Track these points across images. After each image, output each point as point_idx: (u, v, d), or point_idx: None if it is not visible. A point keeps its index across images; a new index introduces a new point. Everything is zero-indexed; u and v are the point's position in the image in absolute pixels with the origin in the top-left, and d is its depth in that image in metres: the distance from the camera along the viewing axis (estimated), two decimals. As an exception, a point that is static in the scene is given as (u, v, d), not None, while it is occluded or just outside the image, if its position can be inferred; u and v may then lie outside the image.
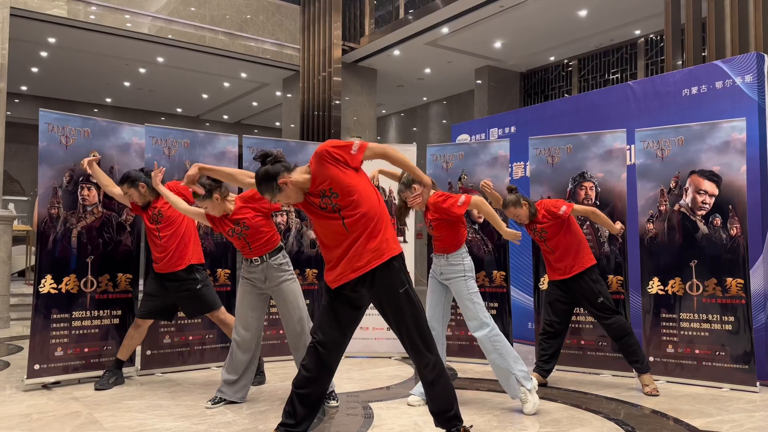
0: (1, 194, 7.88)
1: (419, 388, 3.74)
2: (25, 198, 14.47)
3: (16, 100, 14.04)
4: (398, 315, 2.70)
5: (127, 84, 13.56)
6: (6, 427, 3.23)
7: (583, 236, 4.28)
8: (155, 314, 4.22)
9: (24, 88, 13.93)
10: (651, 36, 9.81)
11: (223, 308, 4.28)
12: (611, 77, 10.52)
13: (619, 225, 4.30)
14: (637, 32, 9.81)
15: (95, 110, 15.14)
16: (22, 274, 10.62)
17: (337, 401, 3.73)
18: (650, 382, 4.11)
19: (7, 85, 8.03)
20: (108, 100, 15.06)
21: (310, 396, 2.73)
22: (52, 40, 10.58)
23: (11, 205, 8.60)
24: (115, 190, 4.23)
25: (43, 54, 11.40)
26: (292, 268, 3.77)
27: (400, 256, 2.74)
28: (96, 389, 4.04)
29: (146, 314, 4.18)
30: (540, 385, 4.15)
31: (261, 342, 3.84)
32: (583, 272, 4.19)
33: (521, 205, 4.09)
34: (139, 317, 4.19)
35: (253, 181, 2.84)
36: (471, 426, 2.91)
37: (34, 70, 12.46)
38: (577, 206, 4.18)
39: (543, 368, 4.30)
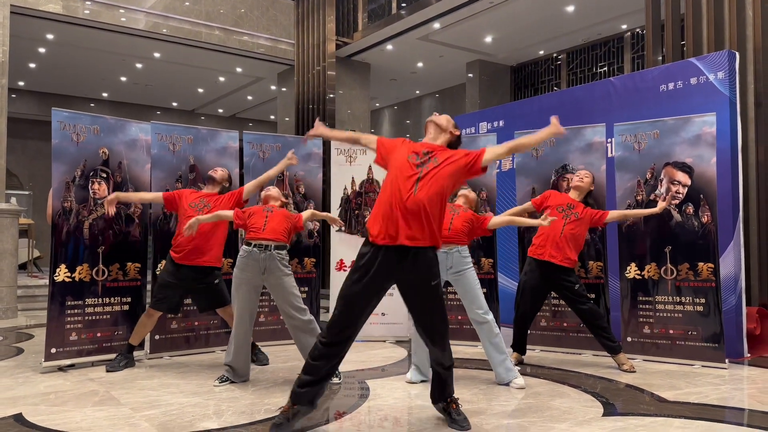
0: (4, 189, 8.10)
1: (415, 373, 4.03)
2: (25, 192, 14.65)
3: (14, 96, 14.19)
4: (427, 304, 2.97)
5: (123, 79, 13.74)
6: (30, 404, 3.50)
7: None
8: (168, 307, 4.43)
9: (22, 83, 14.09)
10: (637, 30, 10.08)
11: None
12: (599, 71, 10.80)
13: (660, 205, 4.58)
14: (624, 26, 10.09)
15: (92, 105, 15.31)
16: (23, 266, 10.84)
17: (340, 378, 4.02)
18: (626, 360, 4.42)
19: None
20: (105, 95, 15.23)
21: (322, 368, 2.94)
22: (49, 36, 10.76)
23: (13, 199, 8.79)
24: (148, 197, 4.58)
25: (41, 50, 11.58)
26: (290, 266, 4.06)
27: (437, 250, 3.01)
28: (107, 371, 4.31)
29: (159, 306, 4.40)
30: (519, 363, 4.55)
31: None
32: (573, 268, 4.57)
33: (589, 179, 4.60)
34: (152, 307, 4.42)
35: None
36: (458, 398, 3.20)
37: (32, 65, 12.63)
38: (612, 213, 4.58)
39: (522, 348, 4.65)
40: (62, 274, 4.44)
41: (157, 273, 4.81)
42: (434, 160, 2.98)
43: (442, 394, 3.13)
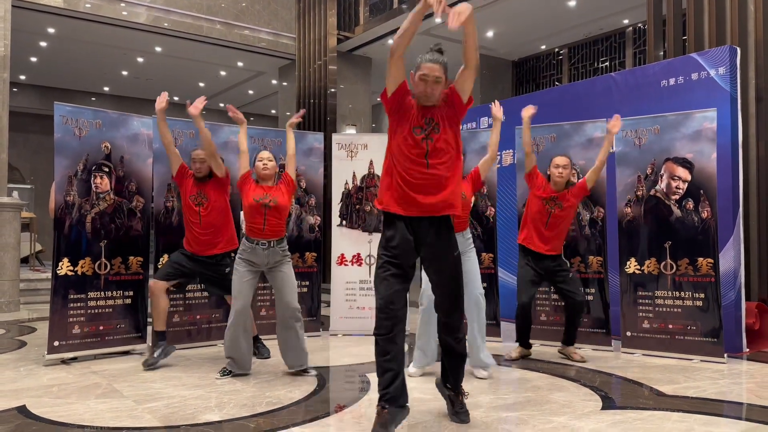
0: (6, 182, 8.13)
1: (418, 359, 4.07)
2: (27, 186, 14.68)
3: (15, 89, 14.21)
4: (452, 273, 2.92)
5: (125, 73, 13.76)
6: (33, 396, 3.54)
7: None
8: (173, 278, 4.37)
9: (23, 77, 14.11)
10: (639, 25, 10.07)
11: None
12: (601, 66, 10.79)
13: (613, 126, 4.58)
14: (626, 21, 10.08)
15: (93, 99, 15.33)
16: (25, 260, 10.89)
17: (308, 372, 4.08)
18: (575, 351, 4.62)
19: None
20: (106, 88, 15.25)
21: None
22: (51, 30, 10.78)
23: (15, 193, 8.82)
24: (173, 152, 4.47)
25: (42, 44, 11.59)
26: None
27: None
28: (146, 369, 4.21)
29: (164, 276, 4.35)
30: (524, 357, 4.59)
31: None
32: (561, 253, 4.64)
33: (569, 166, 4.54)
34: (157, 278, 4.35)
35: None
36: (467, 393, 3.20)
37: (33, 59, 12.64)
38: (588, 175, 4.59)
39: (526, 342, 4.66)
40: (65, 267, 4.47)
41: (159, 267, 4.83)
42: (437, 127, 2.86)
43: (455, 382, 3.09)
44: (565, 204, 4.50)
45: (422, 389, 3.68)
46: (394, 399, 2.75)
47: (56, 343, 4.41)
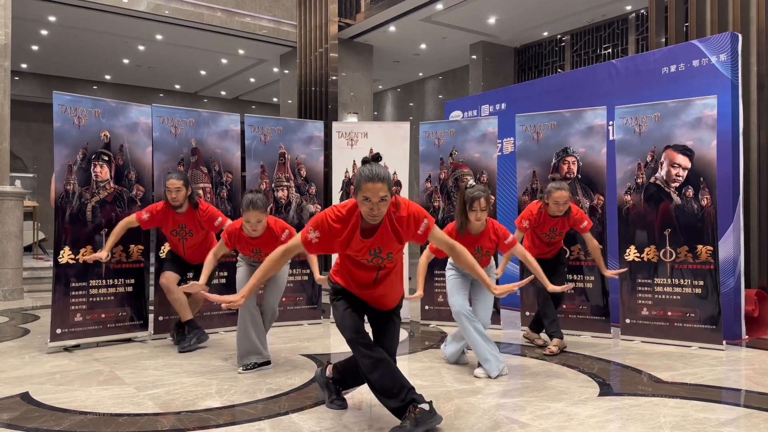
0: (8, 171, 8.15)
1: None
2: (29, 175, 14.71)
3: (17, 78, 14.19)
4: (394, 333, 2.94)
5: (126, 61, 13.72)
6: (36, 383, 3.57)
7: None
8: (178, 271, 4.55)
9: (24, 66, 14.09)
10: (642, 11, 9.99)
11: None
12: (603, 52, 10.72)
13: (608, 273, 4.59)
14: (628, 8, 9.99)
15: (95, 87, 15.31)
16: (28, 249, 10.94)
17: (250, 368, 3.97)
18: (539, 336, 4.73)
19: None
20: (107, 77, 15.22)
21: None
22: (52, 18, 10.74)
23: (17, 182, 8.84)
24: (123, 224, 4.44)
25: (44, 32, 11.56)
26: None
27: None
28: (180, 351, 4.37)
29: (172, 268, 4.52)
30: (563, 349, 4.46)
31: None
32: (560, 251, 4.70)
33: (568, 200, 4.38)
34: (161, 276, 4.52)
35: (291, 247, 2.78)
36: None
37: (35, 48, 12.61)
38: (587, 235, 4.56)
39: (559, 332, 4.49)
40: (66, 256, 4.49)
41: (161, 255, 4.87)
42: (389, 256, 2.72)
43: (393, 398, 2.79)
44: (562, 231, 4.53)
45: (422, 376, 3.71)
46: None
47: (59, 331, 4.45)
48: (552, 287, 3.91)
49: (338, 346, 4.73)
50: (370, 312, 2.94)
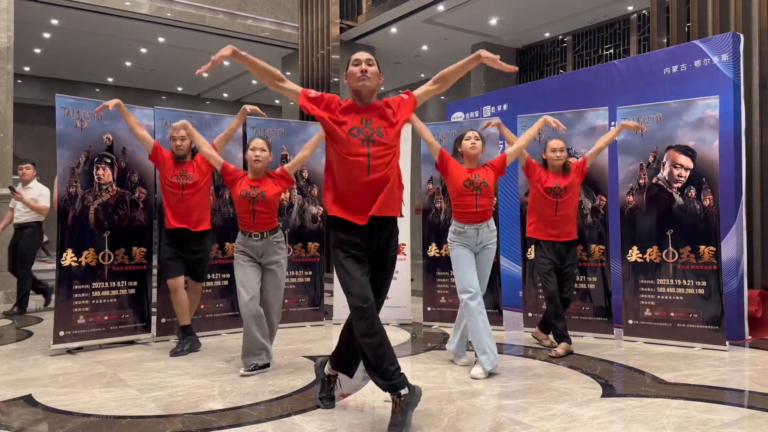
0: (11, 174, 8.18)
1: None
2: (32, 177, 14.72)
3: (20, 81, 14.24)
4: (388, 276, 2.93)
5: (128, 64, 13.76)
6: (39, 385, 3.58)
7: None
8: (183, 271, 4.50)
9: (27, 68, 14.13)
10: (643, 12, 9.98)
11: None
12: (605, 53, 10.72)
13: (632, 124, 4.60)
14: (630, 8, 9.99)
15: (97, 90, 15.35)
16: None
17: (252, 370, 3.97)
18: (547, 336, 4.71)
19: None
20: (110, 79, 15.26)
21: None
22: (54, 21, 10.77)
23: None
24: (141, 132, 4.44)
25: (46, 35, 11.60)
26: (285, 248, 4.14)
27: None
28: (172, 355, 4.34)
29: (175, 272, 4.44)
30: (570, 353, 4.39)
31: None
32: (576, 239, 4.57)
33: (564, 148, 4.50)
34: (169, 279, 4.44)
35: (289, 86, 2.86)
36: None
37: (37, 51, 12.65)
38: (588, 154, 4.59)
39: (567, 336, 4.45)
40: (69, 258, 4.51)
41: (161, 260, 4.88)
42: (378, 130, 2.80)
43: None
44: (568, 186, 4.44)
45: (426, 377, 3.71)
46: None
47: (62, 333, 4.46)
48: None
49: (341, 347, 4.73)
50: (371, 256, 2.85)
